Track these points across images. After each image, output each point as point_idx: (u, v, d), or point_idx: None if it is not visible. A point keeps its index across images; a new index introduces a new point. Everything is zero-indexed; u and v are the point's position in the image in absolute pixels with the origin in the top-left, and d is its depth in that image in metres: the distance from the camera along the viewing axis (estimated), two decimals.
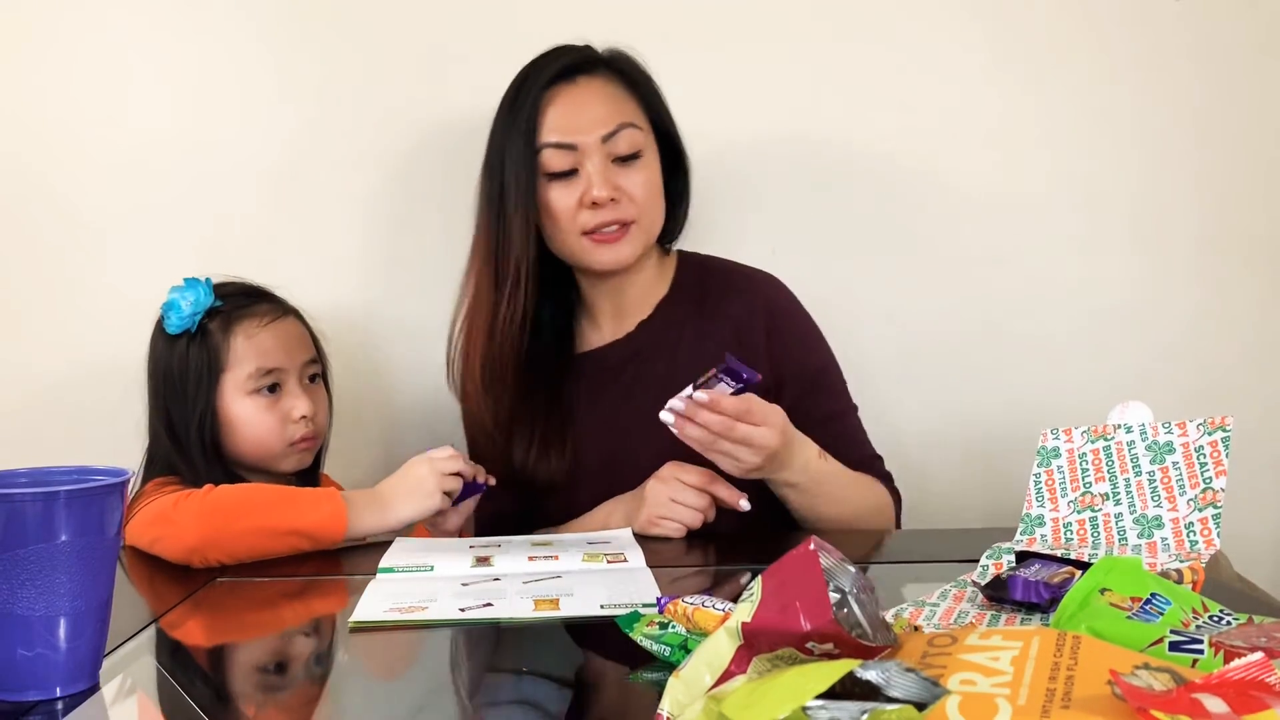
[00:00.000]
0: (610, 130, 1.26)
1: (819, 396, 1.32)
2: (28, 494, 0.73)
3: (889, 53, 1.56)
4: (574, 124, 1.26)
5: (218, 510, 1.12)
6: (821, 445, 1.21)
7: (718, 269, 1.39)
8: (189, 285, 1.28)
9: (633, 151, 1.27)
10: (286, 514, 1.13)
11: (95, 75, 1.56)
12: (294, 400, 1.30)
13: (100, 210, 1.57)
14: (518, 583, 1.01)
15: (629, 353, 1.34)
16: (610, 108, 1.27)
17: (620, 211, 1.26)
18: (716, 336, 1.31)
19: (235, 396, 1.28)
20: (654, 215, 1.30)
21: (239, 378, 1.28)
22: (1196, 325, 1.60)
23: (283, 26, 1.56)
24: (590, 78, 1.29)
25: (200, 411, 1.27)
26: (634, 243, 1.28)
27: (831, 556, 0.61)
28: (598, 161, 1.25)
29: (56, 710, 0.73)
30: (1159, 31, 1.56)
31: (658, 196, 1.30)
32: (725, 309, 1.33)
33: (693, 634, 0.76)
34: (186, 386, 1.27)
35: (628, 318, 1.36)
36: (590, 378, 1.34)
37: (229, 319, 1.29)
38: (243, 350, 1.28)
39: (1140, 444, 0.99)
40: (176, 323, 1.27)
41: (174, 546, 1.11)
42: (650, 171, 1.29)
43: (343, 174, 1.58)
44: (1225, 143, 1.58)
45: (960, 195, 1.59)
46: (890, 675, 0.51)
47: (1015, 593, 0.83)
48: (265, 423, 1.29)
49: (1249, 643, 0.61)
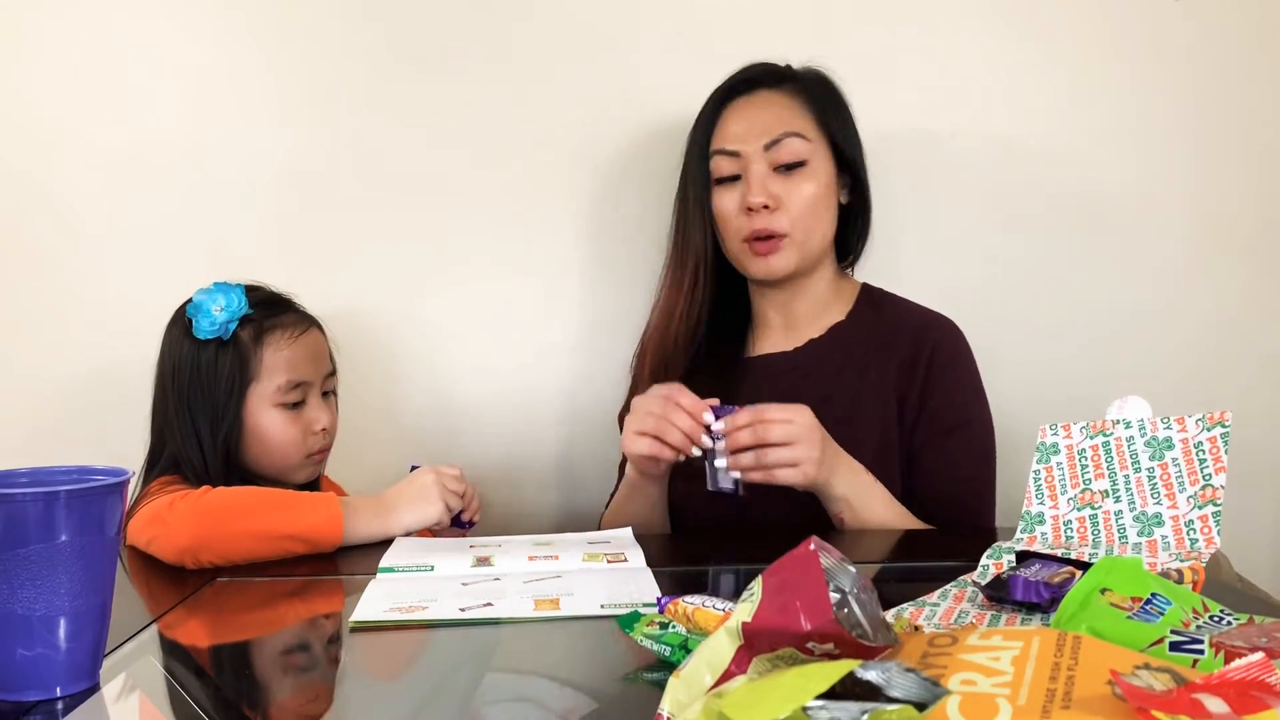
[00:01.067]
0: (774, 138, 1.29)
1: (948, 445, 1.31)
2: (28, 494, 0.73)
3: (889, 40, 1.57)
4: (741, 132, 1.31)
5: (212, 512, 1.11)
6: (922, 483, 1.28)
7: (897, 307, 1.39)
8: (220, 290, 1.27)
9: (795, 160, 1.29)
10: (282, 518, 1.13)
11: (96, 77, 1.56)
12: (316, 413, 1.32)
13: (100, 211, 1.57)
14: (518, 582, 1.01)
15: (792, 365, 1.36)
16: (777, 117, 1.31)
17: (773, 221, 1.29)
18: (878, 372, 1.33)
19: (262, 407, 1.29)
20: (811, 228, 1.31)
21: (267, 389, 1.29)
22: (1195, 322, 1.60)
23: (284, 27, 1.56)
24: (771, 91, 1.33)
25: (227, 420, 1.27)
26: (786, 256, 1.31)
27: (831, 556, 0.61)
28: (758, 168, 1.30)
29: (56, 710, 0.73)
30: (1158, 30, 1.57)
31: (818, 209, 1.31)
32: (894, 347, 1.34)
33: (693, 634, 0.76)
34: (216, 393, 1.27)
35: (799, 332, 1.38)
36: (753, 381, 1.37)
37: (259, 329, 1.29)
38: (272, 363, 1.29)
39: (1139, 440, 0.99)
40: (208, 328, 1.26)
41: (167, 547, 1.11)
42: (813, 184, 1.30)
43: (345, 177, 1.58)
44: (1225, 141, 1.58)
45: (960, 195, 1.59)
46: (891, 675, 0.51)
47: (1016, 593, 0.83)
48: (289, 435, 1.30)
49: (1249, 643, 0.61)
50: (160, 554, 1.12)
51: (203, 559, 1.10)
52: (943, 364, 1.32)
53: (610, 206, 1.59)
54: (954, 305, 1.41)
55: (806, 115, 1.32)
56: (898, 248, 1.55)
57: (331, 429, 1.35)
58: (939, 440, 1.31)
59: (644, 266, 1.55)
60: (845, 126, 1.34)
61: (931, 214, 1.58)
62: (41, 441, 1.57)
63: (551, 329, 1.61)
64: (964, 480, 1.31)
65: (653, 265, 1.49)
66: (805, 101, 1.33)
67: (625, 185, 1.58)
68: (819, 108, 1.33)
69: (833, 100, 1.35)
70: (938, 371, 1.32)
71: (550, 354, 1.61)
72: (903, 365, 1.33)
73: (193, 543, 1.10)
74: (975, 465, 1.32)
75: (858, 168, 1.35)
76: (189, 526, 1.10)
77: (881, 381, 1.32)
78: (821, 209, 1.32)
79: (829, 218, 1.34)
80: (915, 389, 1.31)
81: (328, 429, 1.33)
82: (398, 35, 1.56)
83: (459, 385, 1.61)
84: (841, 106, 1.35)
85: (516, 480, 1.59)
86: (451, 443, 1.60)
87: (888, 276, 1.46)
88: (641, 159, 1.56)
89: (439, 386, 1.61)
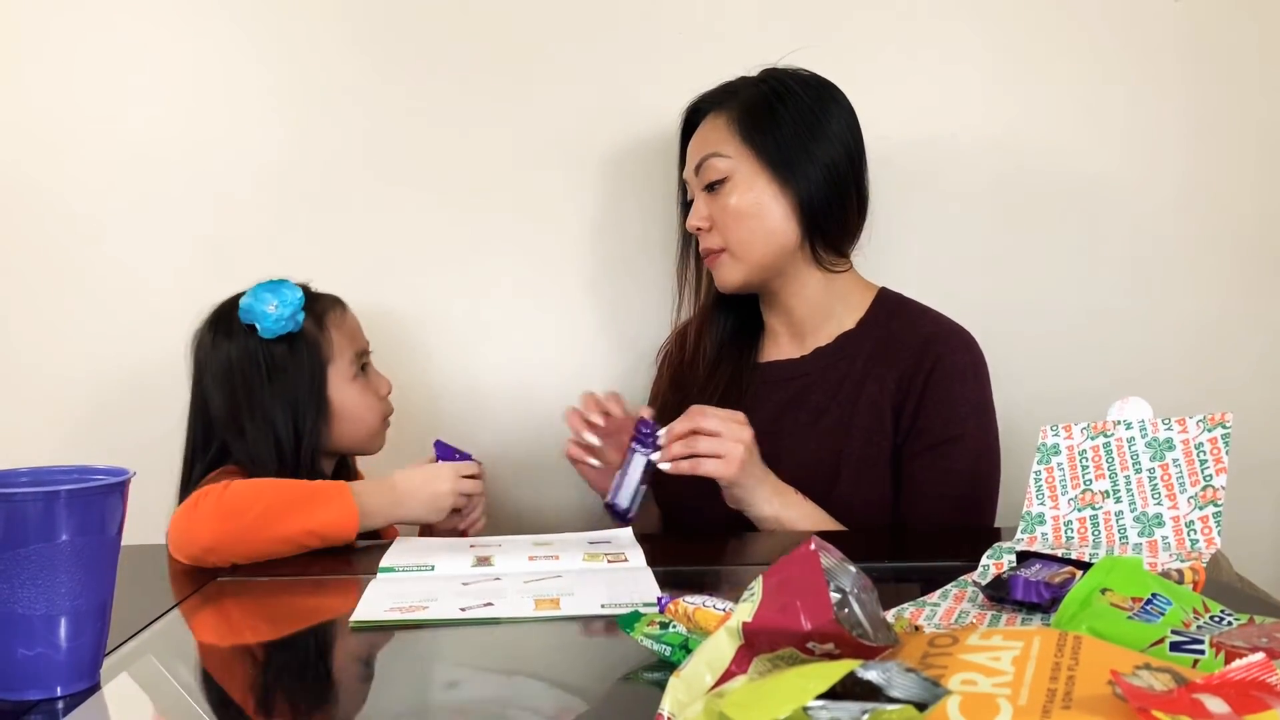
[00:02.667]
0: (697, 163, 1.35)
1: (932, 461, 1.29)
2: (28, 493, 0.73)
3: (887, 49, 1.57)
4: (687, 160, 1.38)
5: (232, 515, 1.10)
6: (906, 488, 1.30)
7: (909, 315, 1.37)
8: (271, 289, 1.28)
9: (715, 179, 1.32)
10: (298, 518, 1.13)
11: (95, 77, 1.56)
12: (379, 379, 1.40)
13: (101, 211, 1.57)
14: (518, 582, 1.01)
15: (798, 373, 1.38)
16: (704, 141, 1.35)
17: (709, 239, 1.35)
18: (877, 384, 1.32)
19: (342, 385, 1.34)
20: (745, 240, 1.32)
21: (342, 366, 1.34)
22: (1194, 325, 1.60)
23: (283, 24, 1.56)
24: (711, 115, 1.37)
25: (315, 406, 1.30)
26: (729, 269, 1.35)
27: (832, 556, 0.61)
28: (697, 192, 1.35)
29: (57, 710, 0.73)
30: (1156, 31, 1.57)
31: (745, 221, 1.32)
32: (896, 360, 1.32)
33: (693, 634, 0.76)
34: (299, 384, 1.29)
35: (807, 340, 1.39)
36: (760, 386, 1.39)
37: (318, 313, 1.33)
38: (339, 340, 1.34)
39: (1140, 440, 0.99)
40: (275, 326, 1.27)
41: (190, 547, 1.10)
42: (732, 197, 1.31)
43: (343, 173, 1.58)
44: (1226, 142, 1.58)
45: (960, 197, 1.59)
46: (891, 675, 0.51)
47: (1016, 593, 0.83)
48: (367, 403, 1.36)
49: (1250, 643, 0.61)
50: (180, 556, 1.12)
51: (222, 560, 1.10)
52: (942, 378, 1.30)
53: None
54: (953, 305, 1.41)
55: (729, 131, 1.32)
56: (898, 249, 1.55)
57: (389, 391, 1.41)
58: (924, 455, 1.29)
59: (663, 266, 1.56)
60: (767, 132, 1.31)
61: (932, 214, 1.58)
62: (41, 442, 1.57)
63: (566, 327, 1.61)
64: (948, 499, 1.28)
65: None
66: (731, 119, 1.33)
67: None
68: (744, 122, 1.32)
69: (761, 108, 1.32)
70: (935, 385, 1.29)
71: (565, 352, 1.61)
72: (902, 379, 1.31)
73: (213, 543, 1.10)
74: (962, 484, 1.29)
75: (792, 171, 1.30)
76: (210, 528, 1.10)
77: (879, 394, 1.31)
78: (749, 219, 1.31)
79: (769, 226, 1.31)
80: (911, 403, 1.30)
81: (389, 391, 1.40)
82: (398, 32, 1.56)
83: (470, 384, 1.61)
84: (769, 112, 1.31)
85: (531, 479, 1.58)
86: (466, 437, 1.60)
87: (905, 286, 1.45)
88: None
89: (449, 385, 1.61)
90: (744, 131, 1.32)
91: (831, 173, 1.32)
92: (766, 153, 1.31)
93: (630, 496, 1.26)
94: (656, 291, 1.58)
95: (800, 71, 1.36)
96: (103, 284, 1.57)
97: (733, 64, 1.40)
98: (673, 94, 1.43)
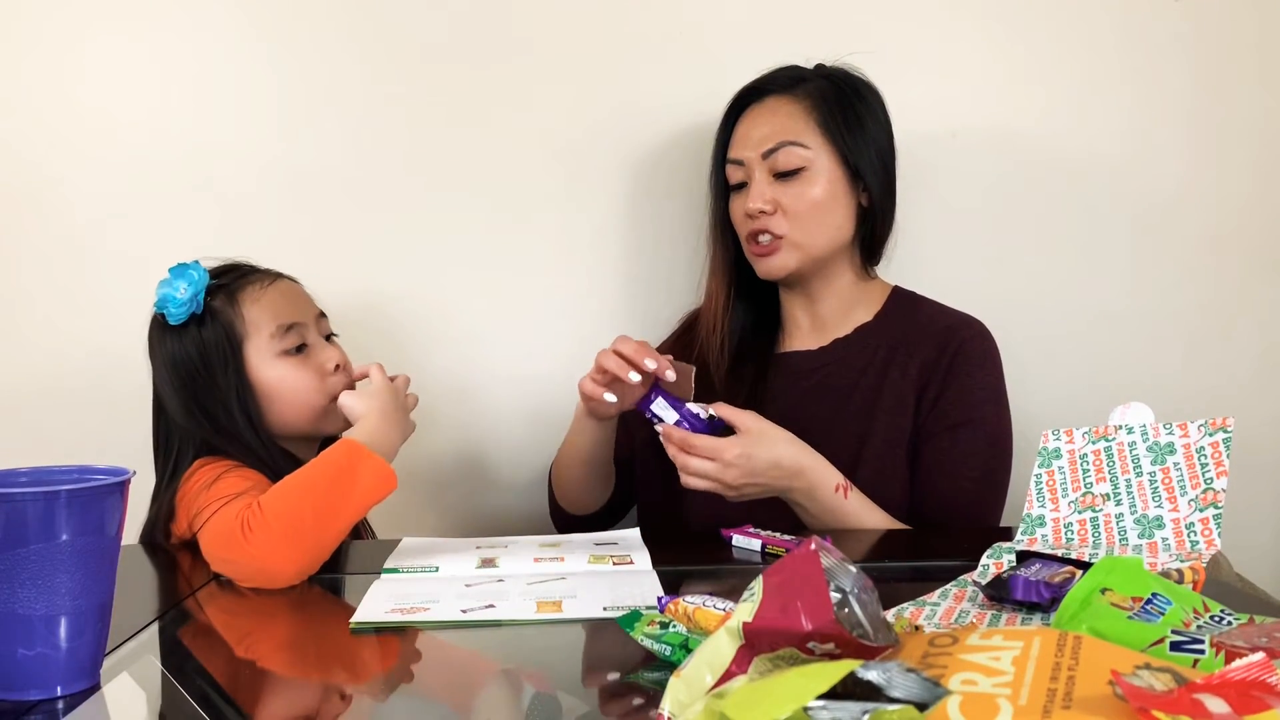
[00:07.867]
0: (770, 147, 1.32)
1: (951, 441, 1.31)
2: (28, 493, 0.73)
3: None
4: (745, 140, 1.35)
5: (294, 534, 1.05)
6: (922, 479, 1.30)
7: (926, 310, 1.40)
8: (177, 273, 1.23)
9: (791, 169, 1.31)
10: (345, 503, 1.09)
11: (97, 77, 1.56)
12: (324, 353, 1.28)
13: (101, 211, 1.57)
14: (521, 584, 1.01)
15: (818, 364, 1.39)
16: (778, 126, 1.33)
17: (771, 222, 1.32)
18: (900, 370, 1.34)
19: (264, 362, 1.24)
20: (812, 231, 1.33)
21: (261, 342, 1.25)
22: (1197, 327, 1.60)
23: (286, 23, 1.56)
24: (779, 97, 1.35)
25: (235, 387, 1.23)
26: (785, 257, 1.33)
27: (832, 556, 0.61)
28: (759, 175, 1.32)
29: (57, 710, 0.73)
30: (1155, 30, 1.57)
31: (819, 214, 1.32)
32: (919, 348, 1.35)
33: (694, 634, 0.76)
34: (212, 370, 1.22)
35: (826, 332, 1.41)
36: (781, 376, 1.40)
37: (230, 291, 1.26)
38: (254, 314, 1.25)
39: (1141, 445, 0.99)
40: (178, 312, 1.22)
41: (275, 581, 1.05)
42: (813, 188, 1.32)
43: (345, 173, 1.58)
44: (1228, 141, 1.58)
45: (960, 196, 1.59)
46: (891, 675, 0.51)
47: (1016, 592, 0.83)
48: (303, 380, 1.26)
49: (1250, 643, 0.61)
50: (249, 583, 1.06)
51: (312, 572, 1.07)
52: (964, 363, 1.33)
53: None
54: (956, 305, 1.41)
55: (809, 121, 1.32)
56: (898, 249, 1.55)
57: (347, 366, 1.30)
58: (943, 435, 1.31)
59: (678, 265, 1.57)
60: (853, 131, 1.33)
61: (932, 214, 1.58)
62: (42, 442, 1.57)
63: (572, 327, 1.61)
64: (963, 478, 1.31)
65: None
66: (810, 107, 1.33)
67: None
68: (824, 113, 1.33)
69: (843, 104, 1.34)
70: (957, 370, 1.32)
71: (570, 352, 1.60)
72: (925, 364, 1.34)
73: (300, 569, 1.05)
74: (978, 464, 1.31)
75: (865, 172, 1.33)
76: (285, 556, 1.04)
77: (902, 379, 1.34)
78: (823, 213, 1.32)
79: (836, 221, 1.34)
80: (934, 386, 1.32)
81: (342, 365, 1.29)
82: (398, 31, 1.56)
83: (472, 384, 1.61)
84: (852, 110, 1.34)
85: (539, 480, 1.58)
86: (472, 436, 1.61)
87: (890, 278, 1.46)
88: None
89: (452, 385, 1.61)
90: (825, 124, 1.32)
91: (889, 178, 1.37)
92: (848, 150, 1.33)
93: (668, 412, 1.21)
94: (660, 291, 1.59)
95: (857, 71, 1.38)
96: (103, 284, 1.57)
97: (733, 64, 1.40)
98: (677, 94, 1.43)
